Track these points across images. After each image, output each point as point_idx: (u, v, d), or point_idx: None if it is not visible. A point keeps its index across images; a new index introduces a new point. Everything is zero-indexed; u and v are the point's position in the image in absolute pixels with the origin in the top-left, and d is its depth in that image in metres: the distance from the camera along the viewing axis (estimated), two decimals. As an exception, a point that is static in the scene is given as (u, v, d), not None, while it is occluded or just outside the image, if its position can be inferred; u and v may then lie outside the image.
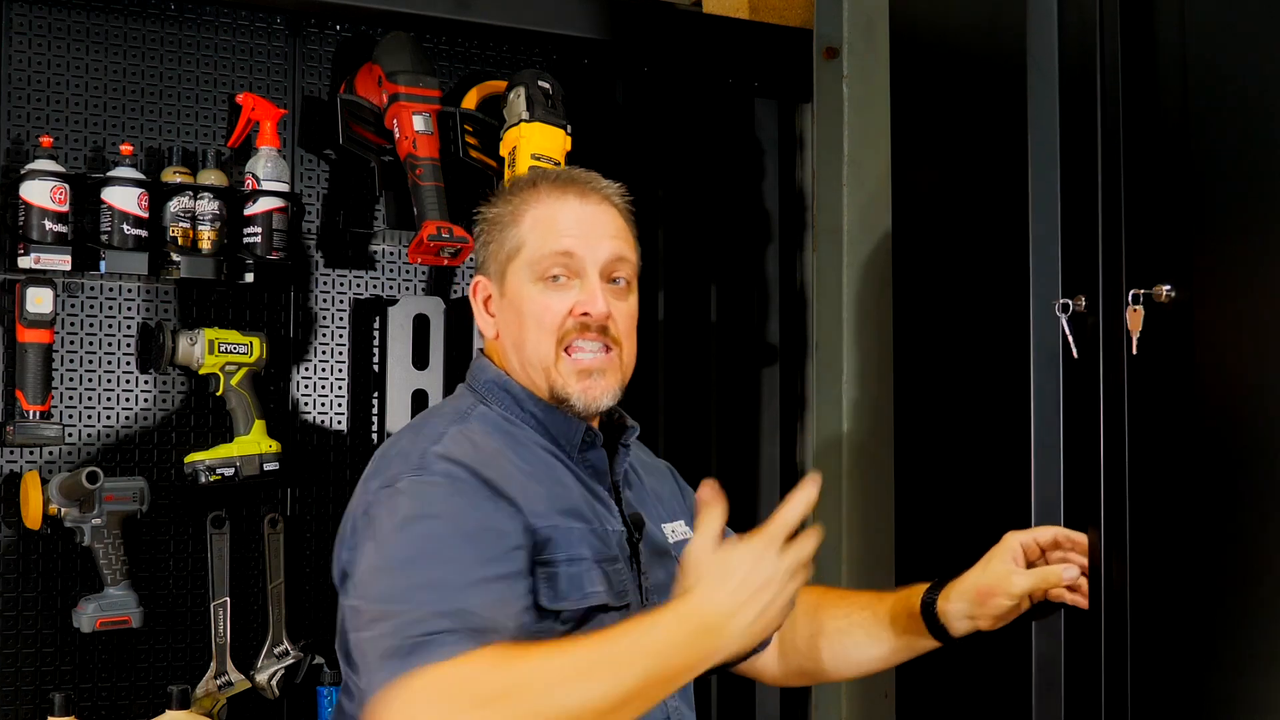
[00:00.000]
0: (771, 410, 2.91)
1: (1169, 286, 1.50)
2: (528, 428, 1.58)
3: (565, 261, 1.58)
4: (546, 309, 1.57)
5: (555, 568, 1.46)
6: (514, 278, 1.60)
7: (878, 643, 1.73)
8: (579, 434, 1.59)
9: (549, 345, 1.57)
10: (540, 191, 1.62)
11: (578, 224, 1.60)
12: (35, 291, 2.20)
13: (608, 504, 1.60)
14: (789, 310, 2.92)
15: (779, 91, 2.92)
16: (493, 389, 1.61)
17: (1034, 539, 1.62)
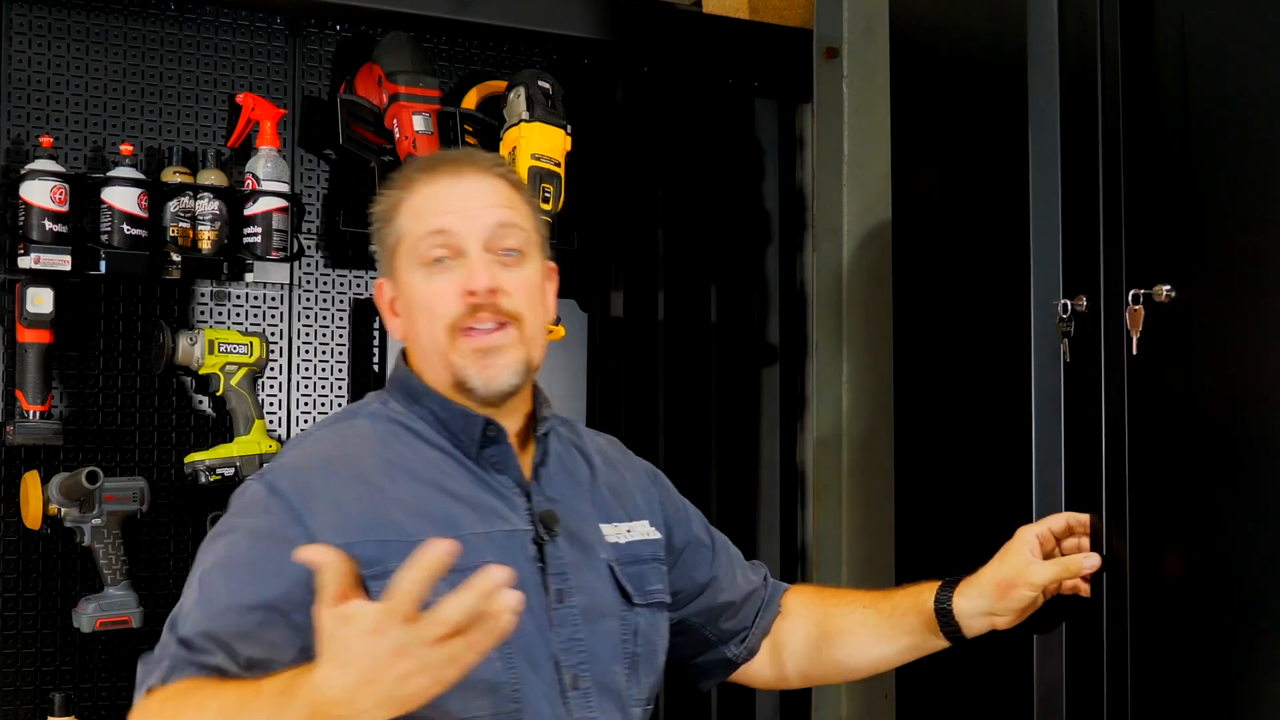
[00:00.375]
0: (771, 410, 2.91)
1: (1169, 286, 1.50)
2: (425, 425, 1.52)
3: (443, 240, 1.49)
4: (433, 295, 1.49)
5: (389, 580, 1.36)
6: (401, 272, 1.53)
7: (882, 643, 1.68)
8: (478, 429, 1.50)
9: (441, 331, 1.49)
10: (413, 181, 1.55)
11: (452, 201, 1.51)
12: (35, 291, 2.20)
13: (510, 501, 1.51)
14: (789, 310, 2.92)
15: (779, 91, 2.92)
16: (395, 385, 1.57)
17: (1047, 529, 1.59)
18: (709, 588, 1.72)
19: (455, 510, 1.47)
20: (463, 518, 1.47)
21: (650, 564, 1.62)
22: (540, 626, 1.46)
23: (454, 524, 1.45)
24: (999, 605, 1.59)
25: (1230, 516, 1.46)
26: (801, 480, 2.92)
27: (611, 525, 1.60)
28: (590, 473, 1.64)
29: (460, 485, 1.50)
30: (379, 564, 1.38)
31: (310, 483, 1.44)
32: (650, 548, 1.63)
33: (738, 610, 1.74)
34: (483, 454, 1.51)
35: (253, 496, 1.45)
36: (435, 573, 1.15)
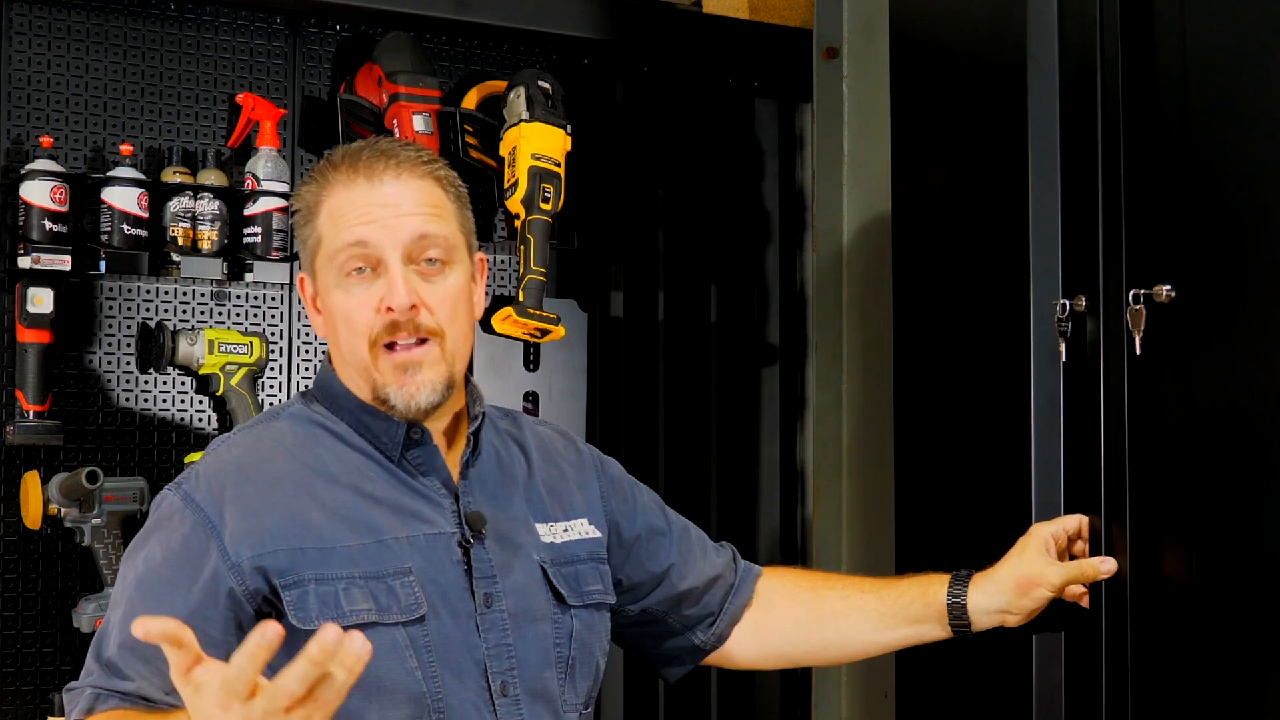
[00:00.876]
0: (771, 410, 2.91)
1: (1169, 286, 1.50)
2: (347, 428, 1.49)
3: (361, 252, 1.43)
4: (353, 309, 1.44)
5: (304, 587, 1.38)
6: (321, 276, 1.48)
7: (881, 630, 1.64)
8: (401, 432, 1.46)
9: (363, 347, 1.44)
10: (331, 177, 1.47)
11: (368, 209, 1.44)
12: (35, 291, 2.20)
13: (436, 503, 1.47)
14: (789, 310, 2.92)
15: (779, 91, 2.92)
16: (318, 387, 1.53)
17: (1062, 529, 1.58)
18: (668, 575, 1.67)
19: (375, 514, 1.44)
20: (383, 522, 1.43)
21: (588, 564, 1.57)
22: (466, 632, 1.43)
23: (374, 529, 1.43)
24: (1016, 604, 1.57)
25: (1231, 517, 1.46)
26: (801, 480, 2.92)
27: (547, 525, 1.56)
28: (527, 469, 1.59)
29: (382, 488, 1.46)
30: (291, 573, 1.38)
31: (223, 490, 1.41)
32: (588, 547, 1.58)
33: (701, 596, 1.69)
34: (406, 456, 1.48)
35: (169, 507, 1.43)
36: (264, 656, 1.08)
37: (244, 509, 1.41)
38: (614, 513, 1.65)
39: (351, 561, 1.41)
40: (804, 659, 1.79)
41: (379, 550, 1.42)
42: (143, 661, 1.34)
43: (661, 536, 1.68)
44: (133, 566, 1.41)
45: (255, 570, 1.38)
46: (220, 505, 1.41)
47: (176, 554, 1.39)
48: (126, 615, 1.36)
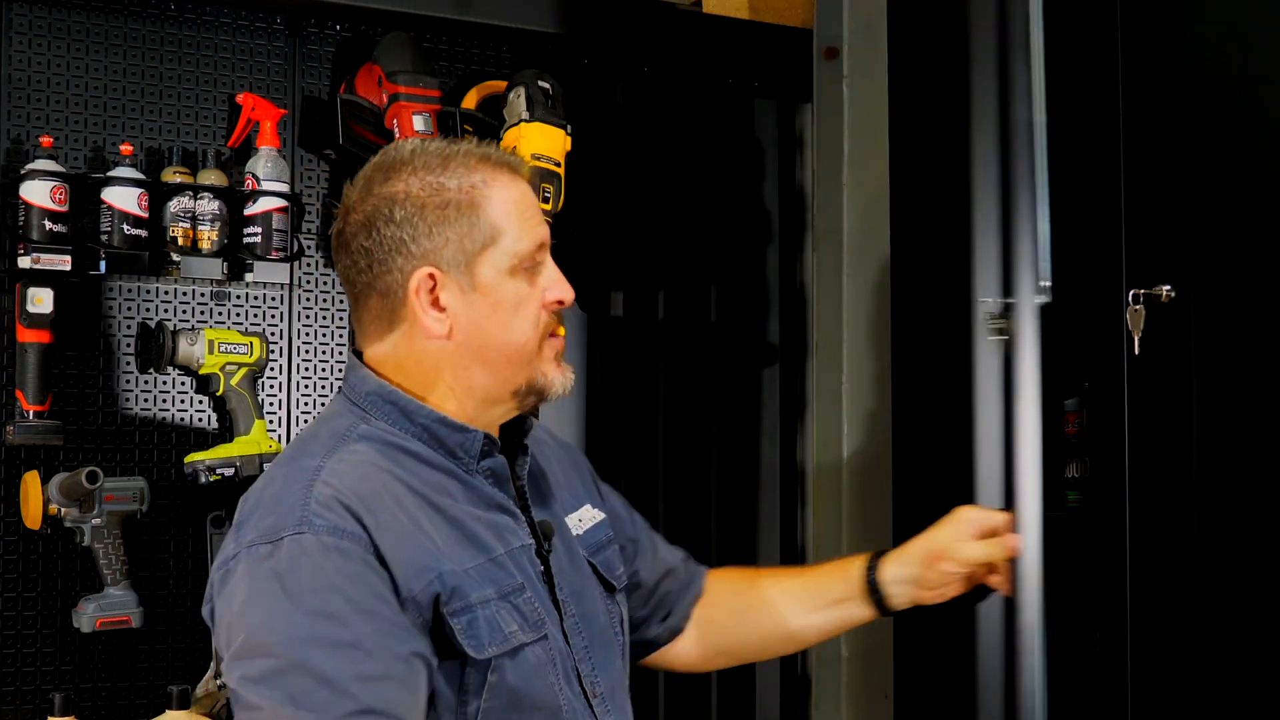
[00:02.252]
0: (771, 410, 2.91)
1: (1169, 286, 1.50)
2: (418, 443, 1.42)
3: (542, 253, 1.47)
4: (527, 298, 1.44)
5: (473, 612, 1.33)
6: (490, 270, 1.42)
7: (808, 612, 1.66)
8: (477, 443, 1.43)
9: (534, 338, 1.44)
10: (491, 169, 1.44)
11: (537, 209, 1.48)
12: (35, 291, 2.20)
13: (514, 514, 1.45)
14: (789, 310, 2.92)
15: (779, 91, 2.92)
16: (376, 403, 1.44)
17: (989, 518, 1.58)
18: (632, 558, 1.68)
19: (477, 531, 1.39)
20: (485, 538, 1.39)
21: (610, 547, 1.59)
22: (562, 644, 1.43)
23: (484, 547, 1.38)
24: (924, 576, 1.59)
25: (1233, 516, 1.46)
26: (801, 480, 2.92)
27: (571, 516, 1.56)
28: (543, 470, 1.58)
29: (470, 505, 1.41)
30: (456, 599, 1.32)
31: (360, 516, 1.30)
32: (602, 530, 1.60)
33: (654, 589, 1.70)
34: (479, 467, 1.44)
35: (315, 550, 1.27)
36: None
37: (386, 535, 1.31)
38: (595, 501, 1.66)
39: (484, 582, 1.36)
40: (743, 652, 1.79)
41: (494, 569, 1.38)
42: (405, 689, 1.24)
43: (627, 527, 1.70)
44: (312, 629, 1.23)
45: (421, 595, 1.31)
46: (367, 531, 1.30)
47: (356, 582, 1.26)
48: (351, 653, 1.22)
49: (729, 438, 2.85)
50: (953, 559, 1.56)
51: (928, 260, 1.99)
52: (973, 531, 1.58)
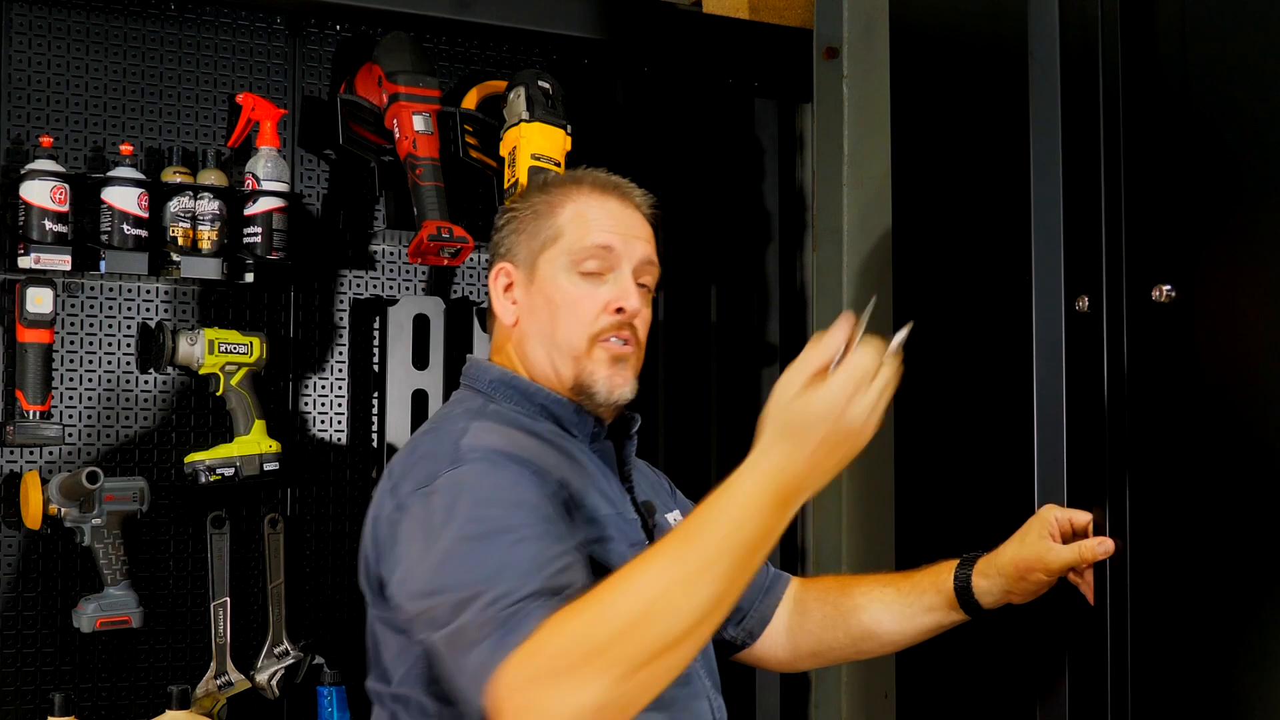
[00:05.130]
0: (771, 410, 2.90)
1: (1169, 286, 1.50)
2: (542, 419, 1.59)
3: (603, 255, 1.59)
4: (582, 298, 1.58)
5: (607, 544, 1.47)
6: (547, 266, 1.61)
7: (901, 621, 1.71)
8: (590, 424, 1.61)
9: (582, 335, 1.58)
10: (584, 187, 1.64)
11: (617, 222, 1.62)
12: (35, 291, 2.20)
13: (621, 492, 1.62)
14: (789, 310, 2.92)
15: (779, 91, 2.92)
16: (499, 387, 1.62)
17: (1069, 519, 1.60)
18: None
19: (605, 488, 1.55)
20: (614, 496, 1.56)
21: None
22: None
23: (613, 504, 1.54)
24: (1016, 587, 1.62)
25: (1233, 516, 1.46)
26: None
27: (670, 514, 1.70)
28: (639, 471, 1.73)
29: (593, 471, 1.57)
30: (598, 532, 1.46)
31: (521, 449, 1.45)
32: None
33: None
34: (592, 447, 1.61)
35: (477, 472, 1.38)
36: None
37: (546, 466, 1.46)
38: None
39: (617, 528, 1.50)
40: (835, 657, 1.84)
41: (622, 521, 1.53)
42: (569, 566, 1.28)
43: None
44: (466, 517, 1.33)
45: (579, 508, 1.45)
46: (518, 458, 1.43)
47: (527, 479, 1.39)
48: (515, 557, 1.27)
49: (729, 437, 2.85)
50: (1043, 569, 1.59)
51: (929, 260, 1.99)
52: (1057, 532, 1.60)
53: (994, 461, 1.80)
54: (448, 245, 2.37)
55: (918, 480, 2.01)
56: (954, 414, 1.92)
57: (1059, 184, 1.66)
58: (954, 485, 1.92)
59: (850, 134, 2.70)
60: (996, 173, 1.78)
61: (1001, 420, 1.75)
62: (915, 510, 2.02)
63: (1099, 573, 1.57)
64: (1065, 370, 1.64)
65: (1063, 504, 1.63)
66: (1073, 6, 1.65)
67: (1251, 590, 1.44)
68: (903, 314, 2.05)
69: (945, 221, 1.96)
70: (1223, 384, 1.48)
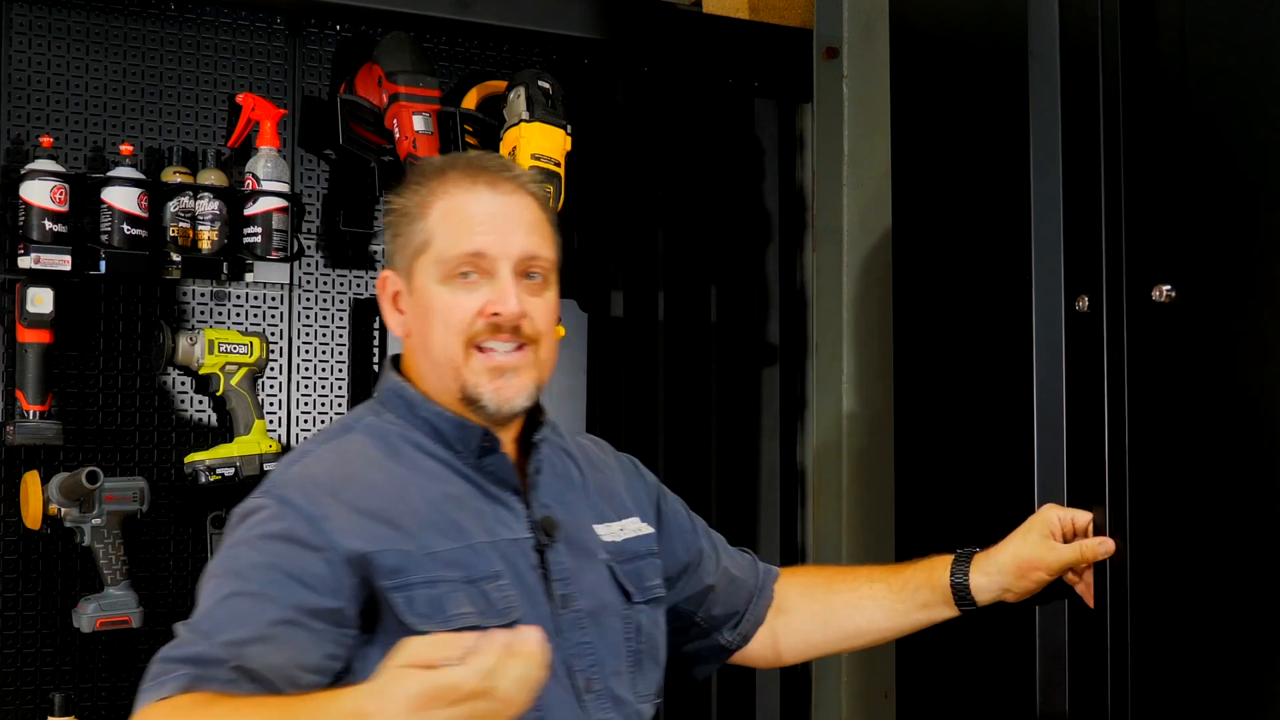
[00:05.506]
0: (771, 410, 2.91)
1: (1169, 286, 1.50)
2: (422, 435, 1.51)
3: (476, 261, 1.48)
4: (454, 308, 1.47)
5: (411, 590, 1.39)
6: (421, 275, 1.50)
7: (892, 617, 1.70)
8: (476, 439, 1.49)
9: (457, 345, 1.47)
10: (449, 181, 1.51)
11: (489, 219, 1.49)
12: (35, 291, 2.20)
13: (512, 509, 1.50)
14: (789, 310, 2.92)
15: (779, 91, 2.92)
16: (390, 396, 1.54)
17: (1071, 518, 1.60)
18: (693, 571, 1.72)
19: (461, 519, 1.46)
20: (470, 526, 1.46)
21: (646, 559, 1.62)
22: (550, 633, 1.42)
23: (463, 533, 1.45)
24: (1016, 585, 1.61)
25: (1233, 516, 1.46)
26: (801, 480, 2.92)
27: (604, 525, 1.60)
28: (580, 475, 1.63)
29: (463, 495, 1.48)
30: (402, 574, 1.39)
31: (319, 495, 1.41)
32: (644, 543, 1.63)
33: (726, 595, 1.74)
34: (480, 463, 1.51)
35: (266, 512, 1.41)
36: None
37: (345, 510, 1.40)
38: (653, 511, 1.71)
39: (449, 565, 1.42)
40: (823, 652, 1.84)
41: (470, 555, 1.44)
42: (238, 663, 1.30)
43: (688, 534, 1.74)
44: (231, 563, 1.37)
45: (361, 566, 1.38)
46: (321, 506, 1.40)
47: (280, 549, 1.37)
48: (227, 616, 1.32)
49: (729, 437, 2.85)
50: (1044, 568, 1.59)
51: (929, 260, 1.99)
52: (1059, 531, 1.60)
53: (994, 461, 1.80)
54: (448, 245, 2.37)
55: (918, 480, 2.01)
56: (954, 414, 1.92)
57: (1059, 184, 1.66)
58: (954, 485, 1.92)
59: (850, 134, 2.70)
60: (996, 173, 1.78)
61: (1001, 420, 1.75)
62: (915, 510, 2.02)
63: (1099, 573, 1.57)
64: (1065, 370, 1.64)
65: (1063, 504, 1.63)
66: (1073, 6, 1.65)
67: (1251, 590, 1.44)
68: (903, 314, 2.05)
69: (945, 221, 1.95)
70: (1223, 384, 1.48)
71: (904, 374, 2.05)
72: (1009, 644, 1.71)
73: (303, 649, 1.33)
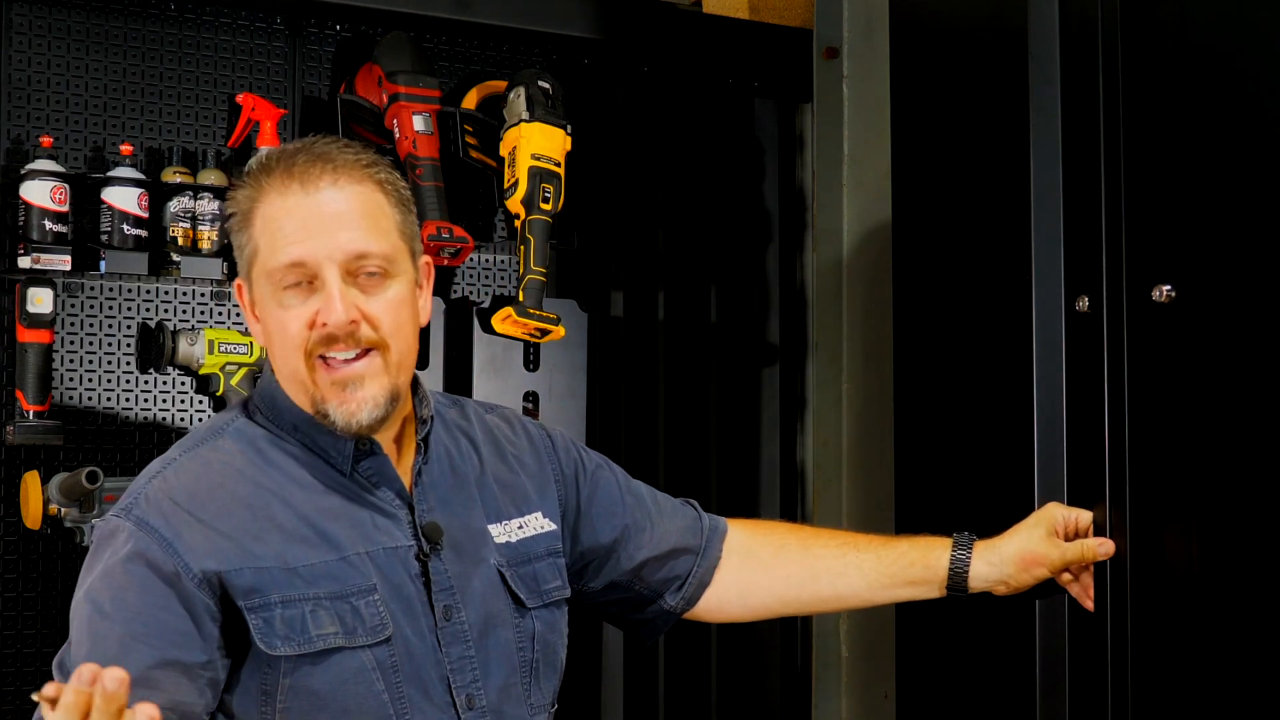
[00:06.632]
0: (771, 410, 2.91)
1: (1169, 286, 1.50)
2: (292, 442, 1.44)
3: (299, 271, 1.37)
4: (288, 322, 1.38)
5: (270, 610, 1.34)
6: (257, 288, 1.42)
7: (877, 589, 1.64)
8: (349, 446, 1.42)
9: (298, 360, 1.38)
10: (267, 184, 1.40)
11: (304, 223, 1.37)
12: (35, 291, 2.20)
13: (393, 515, 1.44)
14: (789, 310, 2.92)
15: (779, 91, 2.92)
16: (263, 399, 1.47)
17: (1075, 518, 1.59)
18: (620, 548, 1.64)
19: (334, 530, 1.40)
20: (343, 537, 1.40)
21: (545, 560, 1.54)
22: (429, 647, 1.41)
23: (335, 545, 1.39)
24: (1016, 577, 1.59)
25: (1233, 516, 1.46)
26: (801, 480, 2.92)
27: (501, 524, 1.52)
28: (479, 466, 1.54)
29: (337, 504, 1.41)
30: (257, 594, 1.34)
31: (176, 512, 1.36)
32: (544, 542, 1.55)
33: (665, 561, 1.66)
34: (357, 469, 1.43)
35: (123, 535, 1.35)
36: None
37: (202, 530, 1.35)
38: (566, 493, 1.62)
39: (315, 581, 1.37)
40: (792, 613, 1.80)
41: (342, 568, 1.38)
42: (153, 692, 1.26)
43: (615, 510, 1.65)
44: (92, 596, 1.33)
45: (218, 585, 1.34)
46: (176, 526, 1.35)
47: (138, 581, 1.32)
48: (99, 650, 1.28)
49: (729, 437, 2.85)
50: (1046, 564, 1.57)
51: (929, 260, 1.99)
52: (1062, 529, 1.59)
53: (994, 461, 1.79)
54: (448, 245, 2.37)
55: (918, 480, 2.01)
56: (954, 414, 1.92)
57: (1059, 184, 1.66)
58: (954, 485, 1.92)
59: (850, 134, 2.70)
60: (997, 173, 1.78)
61: (1002, 420, 1.75)
62: (915, 510, 2.02)
63: (1099, 574, 1.57)
64: (1065, 370, 1.64)
65: (1063, 501, 1.63)
66: (1073, 6, 1.65)
67: (1251, 591, 1.44)
68: (903, 314, 2.05)
69: (945, 222, 1.95)
70: (1223, 384, 1.48)
71: (904, 374, 2.05)
72: (1009, 644, 1.70)
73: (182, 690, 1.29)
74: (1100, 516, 1.58)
